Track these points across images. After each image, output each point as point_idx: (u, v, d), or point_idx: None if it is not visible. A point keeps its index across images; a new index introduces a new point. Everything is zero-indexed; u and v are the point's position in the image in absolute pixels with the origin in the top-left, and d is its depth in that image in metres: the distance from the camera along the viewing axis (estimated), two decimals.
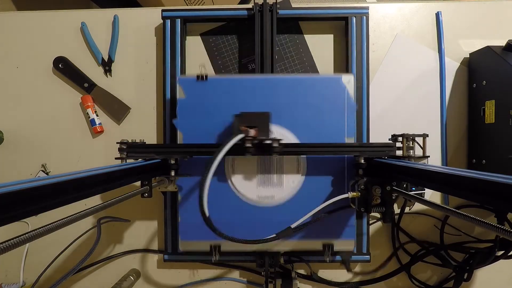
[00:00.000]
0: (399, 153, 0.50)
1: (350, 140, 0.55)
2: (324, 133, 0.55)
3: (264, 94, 0.55)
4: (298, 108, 0.55)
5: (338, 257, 0.61)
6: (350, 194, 0.47)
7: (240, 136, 0.46)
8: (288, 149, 0.50)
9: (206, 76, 0.55)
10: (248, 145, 0.47)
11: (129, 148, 0.51)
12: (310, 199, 0.55)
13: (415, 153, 0.51)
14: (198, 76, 0.55)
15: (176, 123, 0.56)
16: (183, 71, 0.63)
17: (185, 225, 0.56)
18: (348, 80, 0.55)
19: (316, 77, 0.57)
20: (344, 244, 0.56)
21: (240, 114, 0.49)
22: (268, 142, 0.47)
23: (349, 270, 0.58)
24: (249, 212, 0.55)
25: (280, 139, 0.48)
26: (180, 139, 0.56)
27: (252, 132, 0.47)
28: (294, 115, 0.55)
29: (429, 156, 0.50)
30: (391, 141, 0.51)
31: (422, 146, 0.51)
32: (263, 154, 0.48)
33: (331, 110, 0.55)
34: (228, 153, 0.44)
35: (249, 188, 0.55)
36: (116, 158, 0.50)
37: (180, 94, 0.56)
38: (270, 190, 0.55)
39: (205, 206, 0.40)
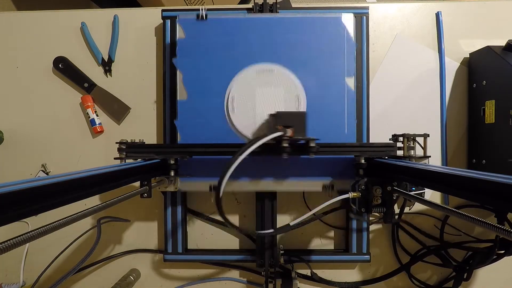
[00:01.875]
0: (399, 153, 0.50)
1: (350, 80, 0.55)
2: (323, 72, 0.55)
3: (263, 33, 0.56)
4: (298, 48, 0.55)
5: (338, 257, 0.61)
6: (350, 194, 0.47)
7: (278, 133, 0.45)
8: (325, 149, 0.49)
9: (206, 16, 0.56)
10: (285, 145, 0.46)
11: (128, 148, 0.51)
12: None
13: (416, 153, 0.50)
14: (197, 15, 0.56)
15: (176, 62, 0.56)
16: None
17: (184, 162, 0.56)
18: (348, 19, 0.55)
19: (316, 17, 0.57)
20: (344, 183, 0.56)
21: (276, 114, 0.48)
22: (304, 142, 0.47)
23: (355, 215, 0.58)
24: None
25: (317, 139, 0.47)
26: (179, 79, 0.56)
27: (289, 132, 0.46)
28: (294, 55, 0.55)
29: (430, 156, 0.50)
30: (391, 141, 0.51)
31: (423, 146, 0.51)
32: (300, 154, 0.48)
33: (331, 49, 0.55)
34: (262, 152, 0.44)
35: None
36: (115, 158, 0.50)
37: (180, 33, 0.56)
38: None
39: (222, 186, 0.39)
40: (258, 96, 0.55)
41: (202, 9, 0.56)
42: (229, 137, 0.56)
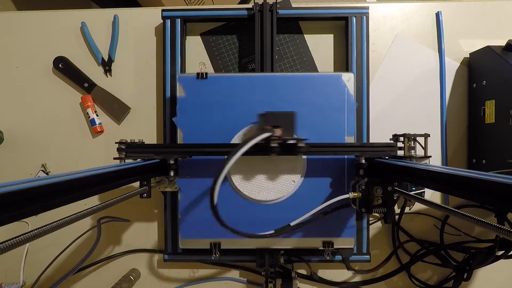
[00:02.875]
0: (400, 153, 0.50)
1: (350, 138, 0.55)
2: (324, 131, 0.55)
3: (263, 92, 0.55)
4: (298, 106, 0.55)
5: (338, 257, 0.61)
6: (351, 195, 0.46)
7: (267, 134, 0.45)
8: (314, 149, 0.50)
9: (206, 74, 0.55)
10: (274, 144, 0.46)
11: (127, 148, 0.51)
12: (311, 196, 0.55)
13: (417, 153, 0.50)
14: (198, 74, 0.55)
15: (176, 121, 0.56)
16: (183, 71, 0.63)
17: (185, 223, 0.56)
18: (348, 78, 0.55)
19: (316, 75, 0.57)
20: (344, 242, 0.56)
21: (265, 114, 0.48)
22: (293, 142, 0.47)
23: (349, 268, 0.58)
24: (249, 210, 0.55)
25: (306, 139, 0.47)
26: (180, 137, 0.56)
27: (277, 132, 0.46)
28: None
29: (430, 156, 0.50)
30: (392, 141, 0.51)
31: (423, 146, 0.51)
32: (288, 154, 0.48)
33: (331, 108, 0.55)
34: (252, 152, 0.44)
35: (249, 186, 0.55)
36: (114, 158, 0.50)
37: (180, 92, 0.56)
38: (271, 188, 0.55)
39: (215, 194, 0.39)
40: (259, 156, 0.54)
41: (202, 67, 0.56)
42: (230, 198, 0.56)
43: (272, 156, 0.48)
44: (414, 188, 0.56)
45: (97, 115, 0.65)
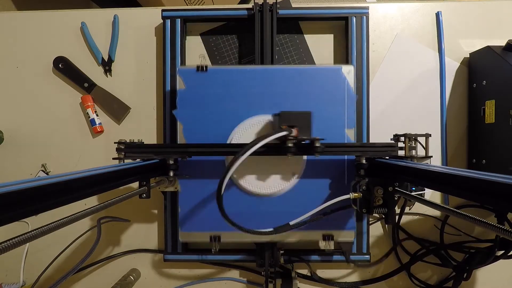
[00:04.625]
0: (401, 153, 0.50)
1: (350, 132, 0.55)
2: (324, 124, 0.55)
3: (263, 84, 0.55)
4: (298, 99, 0.55)
5: (338, 257, 0.61)
6: (351, 195, 0.46)
7: (283, 132, 0.44)
8: (331, 149, 0.49)
9: (206, 67, 0.55)
10: (290, 144, 0.46)
11: (127, 148, 0.51)
12: (311, 190, 0.55)
13: (418, 153, 0.50)
14: (198, 67, 0.55)
15: (176, 113, 0.56)
16: None
17: (185, 216, 0.56)
18: (348, 71, 0.55)
19: (316, 68, 0.57)
20: (344, 235, 0.56)
21: (280, 113, 0.48)
22: (309, 142, 0.47)
23: (349, 261, 0.58)
24: (247, 203, 0.55)
25: (322, 139, 0.47)
26: (180, 130, 0.56)
27: (294, 132, 0.46)
28: (294, 106, 0.55)
29: (432, 156, 0.50)
30: (393, 141, 0.51)
31: (424, 146, 0.51)
32: (305, 154, 0.48)
33: (331, 101, 0.55)
34: (267, 152, 0.43)
35: (249, 179, 0.55)
36: (113, 158, 0.50)
37: (180, 85, 0.56)
38: (271, 180, 0.55)
39: (223, 185, 0.39)
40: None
41: (202, 60, 0.56)
42: (230, 191, 0.55)
43: (288, 156, 0.47)
44: (414, 188, 0.56)
45: (97, 115, 0.65)
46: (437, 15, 0.64)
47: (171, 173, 0.52)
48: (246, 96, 0.55)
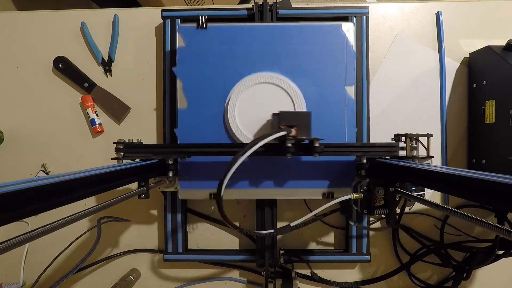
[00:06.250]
0: (402, 153, 0.50)
1: (350, 89, 0.55)
2: (324, 81, 0.55)
3: (263, 41, 0.56)
4: (298, 56, 0.55)
5: (338, 257, 0.61)
6: (352, 196, 0.46)
7: (282, 132, 0.44)
8: (331, 149, 0.49)
9: (206, 24, 0.55)
10: (289, 144, 0.46)
11: (126, 148, 0.50)
12: None
13: (419, 153, 0.50)
14: (198, 24, 0.55)
15: (176, 71, 0.56)
16: None
17: (184, 174, 0.56)
18: (348, 28, 0.55)
19: (316, 25, 0.57)
20: (344, 192, 0.55)
21: (280, 113, 0.48)
22: (308, 142, 0.47)
23: (351, 221, 0.58)
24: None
25: (321, 139, 0.47)
26: (179, 87, 0.56)
27: (293, 132, 0.46)
28: (294, 63, 0.55)
29: (433, 156, 0.50)
30: (394, 141, 0.51)
31: (425, 146, 0.50)
32: (304, 154, 0.48)
33: (331, 58, 0.55)
34: (266, 152, 0.43)
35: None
36: (112, 159, 0.50)
37: (179, 42, 0.56)
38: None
39: (223, 185, 0.39)
40: (258, 104, 0.55)
41: (202, 17, 0.55)
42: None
43: (287, 156, 0.47)
44: (414, 189, 0.56)
45: (97, 115, 0.65)
46: (437, 15, 0.64)
47: (170, 173, 0.52)
48: (246, 53, 0.55)
